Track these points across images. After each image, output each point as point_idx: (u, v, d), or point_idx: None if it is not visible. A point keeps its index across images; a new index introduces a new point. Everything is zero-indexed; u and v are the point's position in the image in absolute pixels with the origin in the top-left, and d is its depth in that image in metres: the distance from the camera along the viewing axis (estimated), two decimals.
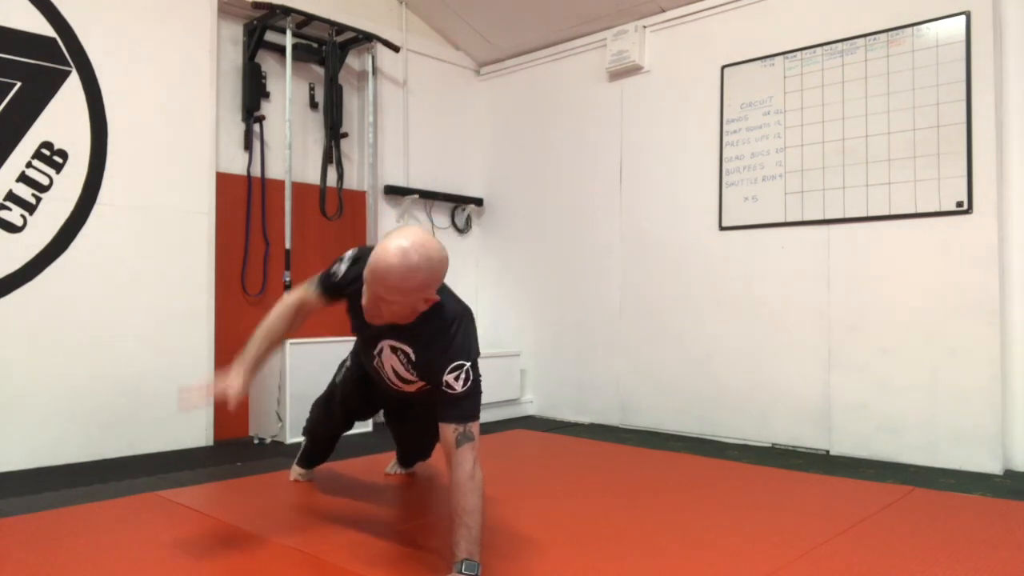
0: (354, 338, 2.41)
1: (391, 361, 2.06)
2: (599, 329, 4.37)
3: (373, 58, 4.35)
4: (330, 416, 2.59)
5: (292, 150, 3.99)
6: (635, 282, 4.22)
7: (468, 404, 1.87)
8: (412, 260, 1.69)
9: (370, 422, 4.07)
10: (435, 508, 2.45)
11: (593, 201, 4.42)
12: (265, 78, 3.99)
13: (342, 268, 2.02)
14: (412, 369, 2.00)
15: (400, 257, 1.68)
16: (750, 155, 3.75)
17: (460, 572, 1.70)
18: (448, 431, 1.84)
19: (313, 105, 4.22)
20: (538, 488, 2.76)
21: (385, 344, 2.03)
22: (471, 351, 1.90)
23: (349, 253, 2.04)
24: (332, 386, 2.61)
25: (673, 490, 2.74)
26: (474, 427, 1.86)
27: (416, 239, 1.71)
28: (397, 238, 1.71)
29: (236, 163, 3.89)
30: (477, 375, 1.89)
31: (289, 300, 2.10)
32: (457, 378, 1.84)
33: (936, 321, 3.18)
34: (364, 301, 1.82)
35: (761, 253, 3.71)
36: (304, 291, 2.09)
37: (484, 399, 4.84)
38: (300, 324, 2.13)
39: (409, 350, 1.96)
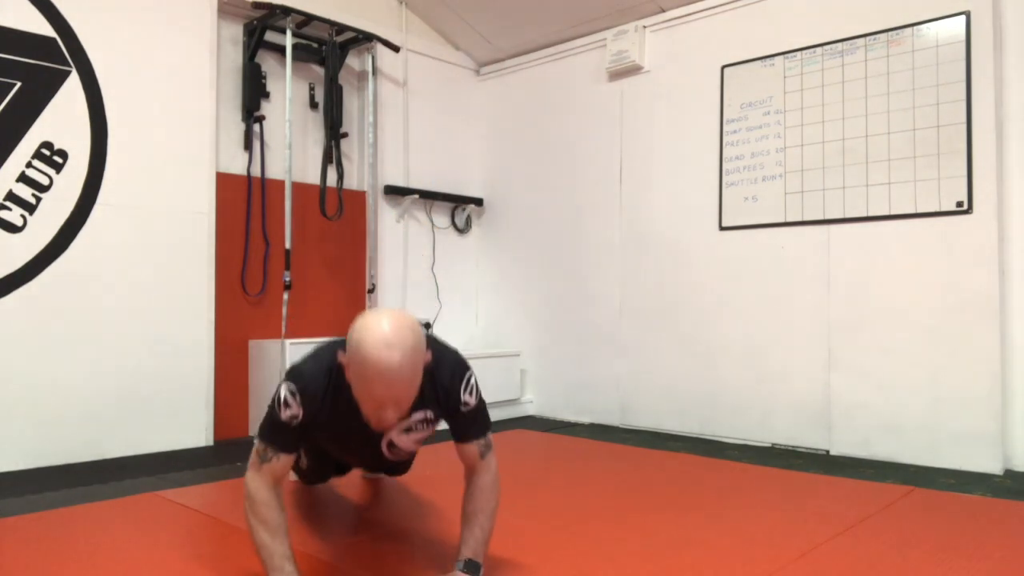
0: None
1: (405, 443, 1.90)
2: (599, 329, 4.37)
3: (373, 58, 4.35)
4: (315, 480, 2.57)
5: (292, 150, 3.99)
6: (635, 282, 4.22)
7: (483, 415, 1.79)
8: (407, 343, 1.51)
9: None
10: (435, 508, 2.45)
11: (593, 201, 4.42)
12: (265, 78, 3.99)
13: (293, 406, 1.65)
14: (433, 424, 1.85)
15: (391, 352, 1.48)
16: (750, 155, 3.75)
17: (462, 571, 1.68)
18: (472, 449, 1.77)
19: (313, 105, 4.22)
20: (538, 488, 2.76)
21: (391, 437, 1.86)
22: (463, 358, 1.82)
23: (283, 391, 1.66)
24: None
25: (673, 490, 2.74)
26: (491, 435, 1.81)
27: (385, 324, 1.50)
28: (370, 336, 1.50)
29: (236, 163, 3.89)
30: (476, 380, 1.84)
31: (264, 489, 1.66)
32: (471, 392, 1.76)
33: (936, 321, 3.18)
34: (368, 415, 1.60)
35: (761, 253, 3.71)
36: (266, 468, 1.67)
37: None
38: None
39: (430, 413, 1.80)
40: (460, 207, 4.94)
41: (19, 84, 3.11)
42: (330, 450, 2.14)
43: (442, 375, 1.74)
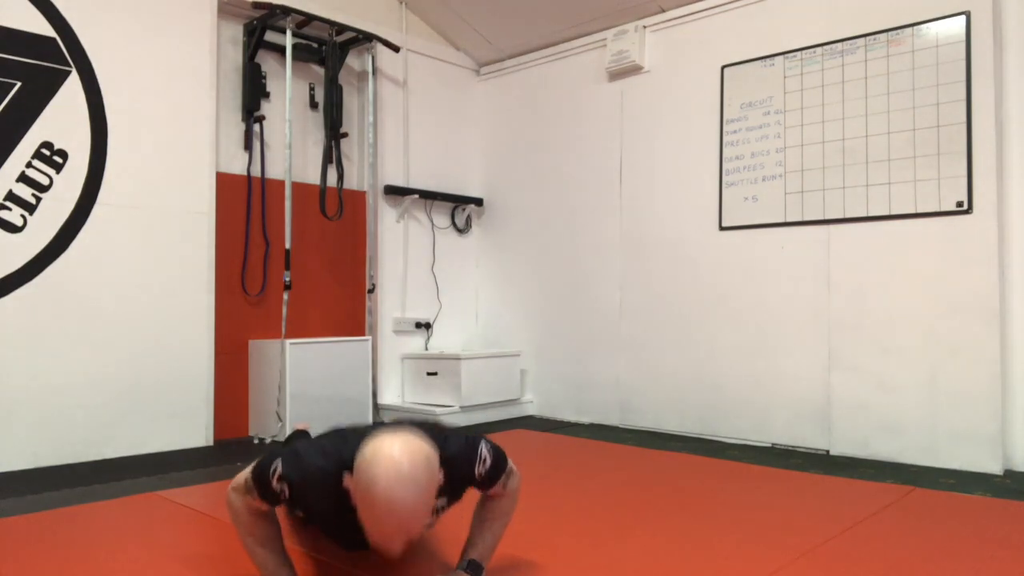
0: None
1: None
2: (599, 329, 4.36)
3: (373, 58, 4.35)
4: None
5: (292, 150, 3.99)
6: (635, 282, 4.22)
7: (500, 462, 1.70)
8: (421, 481, 1.40)
9: (369, 418, 4.07)
10: None
11: (593, 201, 4.42)
12: (265, 78, 3.99)
13: (281, 490, 1.55)
14: (447, 508, 1.74)
15: (406, 493, 1.38)
16: (750, 155, 3.75)
17: (465, 571, 1.67)
18: (496, 489, 1.71)
19: (313, 105, 4.22)
20: (537, 488, 2.75)
21: None
22: (473, 439, 1.70)
23: (278, 466, 1.54)
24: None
25: (673, 490, 2.74)
26: (510, 464, 1.73)
27: (399, 460, 1.38)
28: (383, 472, 1.37)
29: (236, 163, 3.89)
30: (490, 444, 1.70)
31: (245, 512, 1.63)
32: (483, 462, 1.66)
33: (936, 321, 3.18)
34: (373, 542, 1.48)
35: (761, 253, 3.71)
36: (248, 499, 1.60)
37: (484, 399, 4.80)
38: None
39: (443, 501, 1.68)
40: (460, 207, 4.94)
41: (19, 84, 3.11)
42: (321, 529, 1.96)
43: (457, 467, 1.63)
